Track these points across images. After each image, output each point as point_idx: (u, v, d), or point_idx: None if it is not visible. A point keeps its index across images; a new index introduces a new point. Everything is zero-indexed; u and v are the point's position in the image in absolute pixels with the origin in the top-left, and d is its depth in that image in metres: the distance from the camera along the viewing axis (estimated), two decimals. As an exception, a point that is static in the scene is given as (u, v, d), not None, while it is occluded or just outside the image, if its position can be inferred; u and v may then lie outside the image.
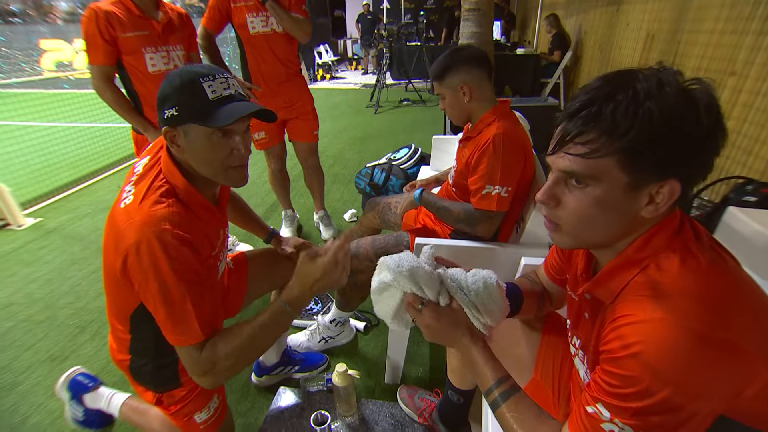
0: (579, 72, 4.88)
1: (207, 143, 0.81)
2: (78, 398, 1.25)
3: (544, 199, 0.59)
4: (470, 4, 3.19)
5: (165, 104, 0.80)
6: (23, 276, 2.15)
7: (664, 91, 0.50)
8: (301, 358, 1.50)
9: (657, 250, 0.56)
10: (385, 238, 1.41)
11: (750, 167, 1.95)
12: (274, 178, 2.32)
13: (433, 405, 1.28)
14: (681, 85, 0.51)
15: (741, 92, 2.05)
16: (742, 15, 2.06)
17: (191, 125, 0.80)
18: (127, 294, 0.85)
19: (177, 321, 0.79)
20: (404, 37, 6.87)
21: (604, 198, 0.54)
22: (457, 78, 1.27)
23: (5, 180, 2.70)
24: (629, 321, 0.52)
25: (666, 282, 0.52)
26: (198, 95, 0.79)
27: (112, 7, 1.57)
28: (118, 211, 0.81)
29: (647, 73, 0.52)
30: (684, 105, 0.50)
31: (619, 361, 0.51)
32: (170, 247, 0.76)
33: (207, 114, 0.79)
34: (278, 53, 1.98)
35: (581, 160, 0.54)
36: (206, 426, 1.04)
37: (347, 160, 3.82)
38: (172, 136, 0.82)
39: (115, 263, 0.79)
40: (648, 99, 0.50)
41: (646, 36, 3.16)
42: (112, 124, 3.93)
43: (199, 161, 0.84)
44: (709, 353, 0.48)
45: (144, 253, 0.75)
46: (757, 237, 1.17)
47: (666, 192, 0.53)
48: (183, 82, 0.79)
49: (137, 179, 0.85)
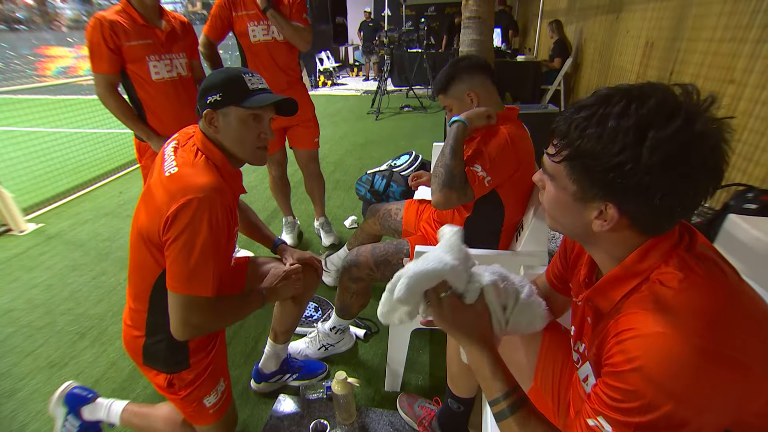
0: (579, 79, 4.91)
1: (242, 124, 0.98)
2: (76, 412, 1.23)
3: (536, 180, 0.66)
4: (471, 12, 3.21)
5: (209, 92, 0.96)
6: (24, 281, 2.16)
7: (621, 120, 0.50)
8: (300, 366, 1.50)
9: (656, 262, 0.56)
10: (385, 245, 1.41)
11: (750, 174, 1.95)
12: (275, 185, 2.33)
13: (433, 413, 1.27)
14: (643, 117, 0.49)
15: (740, 100, 2.06)
16: (741, 24, 2.08)
17: (230, 108, 0.97)
18: (153, 261, 0.94)
19: (196, 273, 0.90)
20: (405, 43, 6.90)
21: (559, 198, 0.61)
22: (462, 86, 1.27)
23: (8, 185, 2.72)
24: (632, 335, 0.52)
25: (668, 296, 0.52)
26: (240, 84, 0.97)
27: (117, 16, 1.59)
28: (165, 179, 0.93)
29: (629, 97, 0.51)
30: (631, 137, 0.49)
31: (622, 375, 0.51)
32: (216, 210, 0.89)
33: (245, 99, 0.97)
34: (279, 61, 2.00)
35: (548, 160, 0.60)
36: (215, 410, 1.09)
37: (348, 166, 3.83)
38: (211, 118, 0.98)
39: (157, 222, 0.89)
40: (602, 121, 0.51)
41: (645, 44, 3.18)
42: (115, 130, 3.96)
43: (233, 140, 1.00)
44: (713, 368, 0.47)
45: (195, 208, 0.87)
46: (758, 245, 1.16)
47: (609, 213, 0.55)
48: (229, 75, 0.98)
49: (178, 157, 0.97)
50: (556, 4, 6.18)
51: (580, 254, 0.77)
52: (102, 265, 2.27)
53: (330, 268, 2.03)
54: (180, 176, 0.92)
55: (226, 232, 0.94)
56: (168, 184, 0.91)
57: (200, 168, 0.94)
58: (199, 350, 1.06)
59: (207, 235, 0.88)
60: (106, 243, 2.53)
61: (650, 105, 0.50)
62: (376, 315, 0.81)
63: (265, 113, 1.01)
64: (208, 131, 1.00)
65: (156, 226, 0.90)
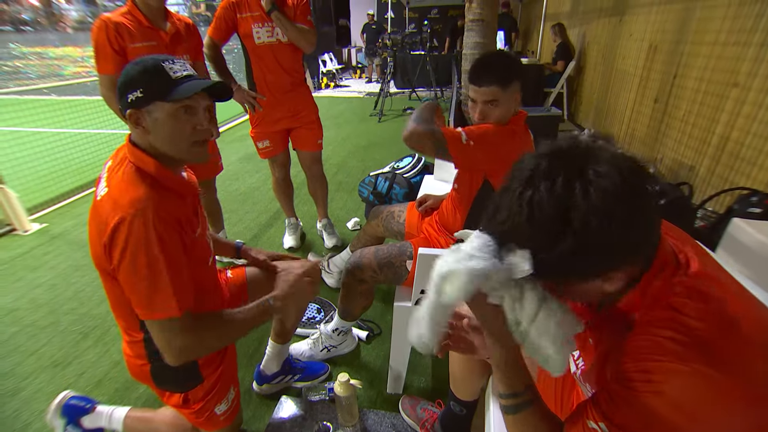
0: (582, 82, 4.90)
1: (172, 120, 0.86)
2: (75, 422, 1.21)
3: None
4: (474, 15, 3.21)
5: (128, 88, 0.84)
6: (28, 281, 2.17)
7: (536, 223, 0.50)
8: (302, 367, 1.50)
9: (660, 293, 0.55)
10: (388, 248, 1.41)
11: (754, 178, 1.95)
12: (278, 187, 2.34)
13: (435, 416, 1.27)
14: (555, 205, 0.48)
15: (744, 104, 2.06)
16: (745, 27, 2.08)
17: (156, 104, 0.85)
18: (121, 291, 0.87)
19: (152, 295, 0.82)
20: (408, 46, 6.92)
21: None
22: (517, 85, 1.24)
23: (13, 185, 2.73)
24: (654, 359, 0.51)
25: (686, 325, 0.51)
26: (161, 75, 0.85)
27: (122, 18, 1.60)
28: (97, 203, 0.86)
29: (524, 203, 0.51)
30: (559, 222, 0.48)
31: (640, 395, 0.51)
32: (152, 223, 0.80)
33: (170, 91, 0.85)
34: (283, 63, 2.00)
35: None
36: (225, 417, 1.08)
37: (351, 168, 3.84)
38: (136, 119, 0.86)
39: (100, 251, 0.83)
40: (535, 236, 0.50)
41: (649, 47, 3.17)
42: (119, 130, 3.97)
43: (165, 139, 0.88)
44: (732, 398, 0.48)
45: (129, 226, 0.79)
46: (762, 248, 1.16)
47: (615, 279, 0.54)
48: (147, 66, 0.85)
49: (108, 176, 0.89)
50: (559, 7, 6.19)
51: None
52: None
53: (333, 270, 2.03)
54: (108, 197, 0.83)
55: (179, 241, 0.85)
56: (99, 208, 0.84)
57: (129, 182, 0.84)
58: (209, 363, 1.04)
59: (152, 251, 0.80)
60: (109, 243, 2.53)
61: (541, 191, 0.49)
62: (378, 317, 0.80)
63: (197, 103, 0.88)
64: (135, 135, 0.89)
65: (100, 255, 0.84)
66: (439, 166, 2.22)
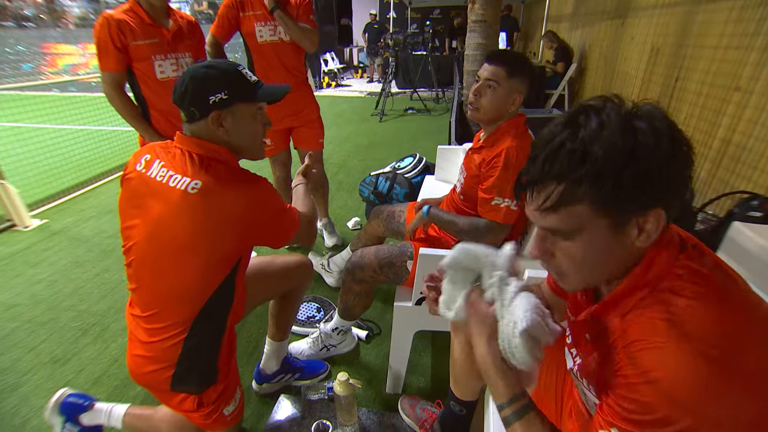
0: (584, 83, 4.91)
1: (252, 119, 0.99)
2: (73, 420, 1.21)
3: (538, 254, 0.60)
4: (477, 16, 3.22)
5: (211, 91, 0.91)
6: (28, 277, 2.17)
7: (604, 132, 0.50)
8: (302, 366, 1.50)
9: (663, 270, 0.55)
10: (389, 247, 1.41)
11: (755, 182, 1.95)
12: (279, 186, 2.33)
13: (434, 416, 1.27)
14: (622, 119, 0.51)
15: (746, 108, 2.06)
16: (747, 31, 2.08)
17: (238, 105, 0.95)
18: (208, 276, 0.94)
19: (291, 220, 1.05)
20: (410, 46, 6.93)
21: (592, 244, 0.55)
22: (521, 85, 1.27)
23: (13, 181, 2.73)
24: (645, 346, 0.51)
25: (681, 306, 0.51)
26: (244, 80, 0.95)
27: (124, 15, 1.60)
28: (190, 195, 0.89)
29: (590, 114, 0.52)
30: (628, 139, 0.50)
31: (636, 387, 0.50)
32: (270, 186, 1.00)
33: (254, 94, 0.97)
34: (285, 62, 2.00)
35: (555, 216, 0.55)
36: (232, 417, 1.10)
37: (351, 167, 3.84)
38: (219, 118, 0.94)
39: (215, 227, 0.90)
40: (591, 143, 0.51)
41: (650, 50, 3.18)
42: (120, 127, 3.97)
43: (244, 137, 0.99)
44: (729, 384, 0.47)
45: (261, 198, 0.95)
46: (762, 253, 1.16)
47: (652, 220, 0.53)
48: (227, 71, 0.93)
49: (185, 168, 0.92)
50: (561, 9, 6.19)
51: None
52: (105, 262, 2.28)
53: (333, 269, 2.03)
54: (212, 188, 0.90)
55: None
56: (201, 199, 0.89)
57: (232, 173, 0.96)
58: (226, 360, 1.05)
59: (281, 202, 1.02)
60: (109, 240, 2.54)
61: (614, 106, 0.52)
62: (378, 316, 0.81)
63: (262, 105, 1.02)
64: (212, 133, 0.95)
65: (212, 235, 0.90)
66: (441, 166, 2.22)
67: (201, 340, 0.97)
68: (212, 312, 0.97)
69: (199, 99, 0.92)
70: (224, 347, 1.04)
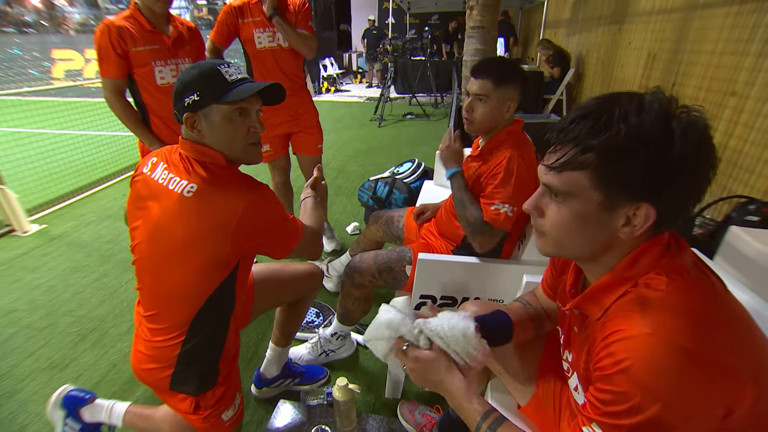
0: (582, 89, 4.93)
1: (228, 122, 0.91)
2: (75, 414, 1.20)
3: (530, 208, 0.63)
4: (475, 22, 3.24)
5: (185, 92, 0.88)
6: (27, 282, 2.16)
7: (642, 115, 0.51)
8: (301, 371, 1.50)
9: (645, 268, 0.56)
10: (387, 252, 1.42)
11: (752, 187, 1.96)
12: (278, 191, 2.34)
13: (433, 421, 1.27)
14: (665, 110, 0.52)
15: (742, 113, 2.07)
16: (742, 37, 2.10)
17: (212, 107, 0.89)
18: (209, 277, 0.94)
19: (292, 230, 1.01)
20: (409, 51, 6.97)
21: (579, 213, 0.57)
22: (512, 92, 1.26)
23: (13, 186, 2.74)
24: (619, 337, 0.52)
25: (655, 299, 0.53)
26: (217, 79, 0.89)
27: (125, 21, 1.62)
28: (186, 198, 0.89)
29: (636, 96, 0.53)
30: (658, 129, 0.51)
31: (611, 378, 0.52)
32: (271, 193, 0.97)
33: (225, 93, 0.89)
34: (284, 68, 2.02)
35: (557, 176, 0.56)
36: (230, 423, 1.09)
37: (350, 172, 3.85)
38: (192, 122, 0.91)
39: (218, 234, 0.89)
40: (622, 120, 0.51)
41: (647, 55, 3.20)
42: (119, 132, 3.98)
43: (221, 141, 0.92)
44: (699, 371, 0.48)
45: (258, 204, 0.91)
46: (760, 257, 1.17)
47: (641, 215, 0.54)
48: (203, 70, 0.89)
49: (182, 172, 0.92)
50: (559, 15, 6.24)
51: (567, 262, 0.78)
52: (104, 267, 2.28)
53: (332, 274, 2.03)
54: (213, 192, 0.90)
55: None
56: (197, 202, 0.89)
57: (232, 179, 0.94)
58: (229, 359, 1.05)
59: (281, 211, 0.98)
60: (109, 245, 2.54)
61: (659, 99, 0.52)
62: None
63: (251, 105, 0.93)
64: (192, 137, 0.93)
65: (218, 236, 0.89)
66: (440, 171, 2.23)
67: (199, 344, 0.97)
68: (210, 316, 0.97)
69: (177, 100, 0.90)
70: (226, 352, 1.04)
